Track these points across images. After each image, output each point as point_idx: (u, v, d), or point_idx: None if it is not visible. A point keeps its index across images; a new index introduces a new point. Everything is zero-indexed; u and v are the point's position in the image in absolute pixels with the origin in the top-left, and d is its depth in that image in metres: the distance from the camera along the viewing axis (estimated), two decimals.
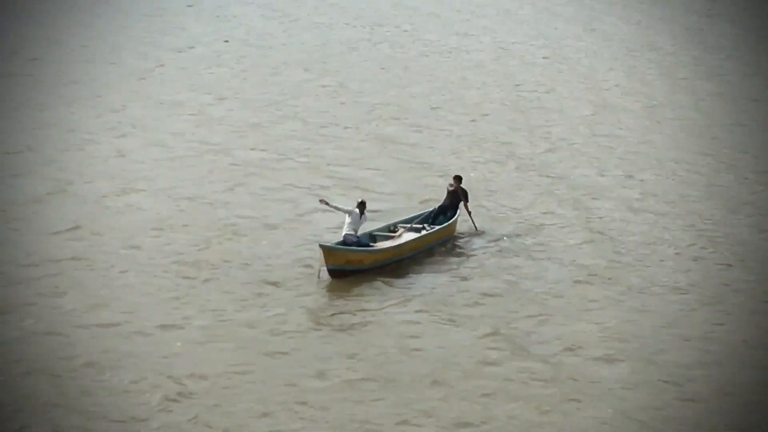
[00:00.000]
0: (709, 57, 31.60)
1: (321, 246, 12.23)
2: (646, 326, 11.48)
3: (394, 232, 14.05)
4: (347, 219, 12.83)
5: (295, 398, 8.97)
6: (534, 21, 37.94)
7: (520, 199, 17.17)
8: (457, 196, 14.60)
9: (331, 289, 12.42)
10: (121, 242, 13.98)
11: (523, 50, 32.32)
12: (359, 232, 12.97)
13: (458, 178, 14.74)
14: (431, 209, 14.93)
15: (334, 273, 12.29)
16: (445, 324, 11.32)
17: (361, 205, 12.93)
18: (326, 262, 12.16)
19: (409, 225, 14.24)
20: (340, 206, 13.17)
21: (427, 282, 13.03)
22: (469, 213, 14.70)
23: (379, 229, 14.19)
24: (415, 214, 14.97)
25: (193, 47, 31.17)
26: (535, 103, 25.32)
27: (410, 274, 13.19)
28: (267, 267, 13.05)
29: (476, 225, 14.80)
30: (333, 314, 11.62)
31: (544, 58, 31.18)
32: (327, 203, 13.25)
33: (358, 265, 12.68)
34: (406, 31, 35.00)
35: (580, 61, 30.80)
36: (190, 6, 37.79)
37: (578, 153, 20.71)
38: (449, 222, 14.35)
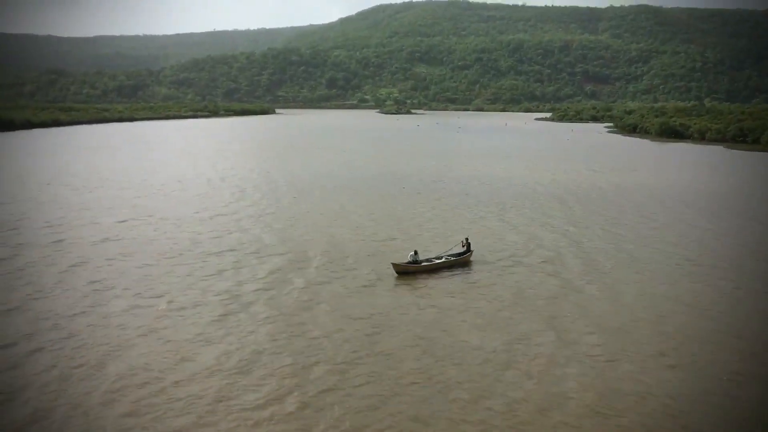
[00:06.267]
0: None
1: (392, 263, 25.67)
2: None
3: (440, 258, 26.94)
4: (411, 255, 25.89)
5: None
6: None
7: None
8: (467, 246, 27.87)
9: (398, 280, 24.68)
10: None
11: None
12: (418, 258, 26.12)
13: (467, 239, 28.15)
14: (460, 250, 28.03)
15: (399, 273, 25.16)
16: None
17: (415, 252, 26.03)
18: (395, 270, 25.25)
19: (447, 254, 27.41)
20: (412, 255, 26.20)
21: (455, 280, 24.90)
22: (470, 251, 27.77)
23: (433, 257, 27.15)
24: (456, 251, 28.09)
25: None
26: None
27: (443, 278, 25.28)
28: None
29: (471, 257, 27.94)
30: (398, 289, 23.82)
31: None
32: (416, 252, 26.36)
33: (409, 269, 25.47)
34: None
35: None
36: None
37: None
38: (466, 254, 27.49)
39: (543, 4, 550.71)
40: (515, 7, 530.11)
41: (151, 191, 44.79)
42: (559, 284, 24.12)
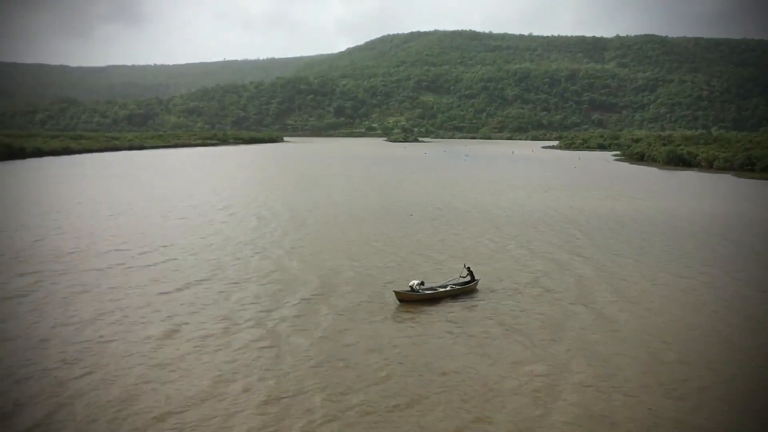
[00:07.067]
0: None
1: (394, 291, 24.86)
2: None
3: (445, 287, 25.91)
4: (414, 283, 25.01)
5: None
6: None
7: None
8: (471, 274, 26.83)
9: (398, 308, 23.84)
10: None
11: None
12: (423, 286, 25.25)
13: (469, 268, 26.96)
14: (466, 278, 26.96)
15: (400, 301, 24.35)
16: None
17: (421, 283, 25.02)
18: (396, 297, 24.45)
19: (452, 282, 26.41)
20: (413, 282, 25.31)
21: (452, 310, 23.92)
22: (475, 279, 26.83)
23: (438, 285, 26.12)
24: (462, 279, 26.98)
25: None
26: None
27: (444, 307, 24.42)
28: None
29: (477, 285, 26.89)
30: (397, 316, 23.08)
31: None
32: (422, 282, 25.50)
33: (411, 298, 24.51)
34: None
35: None
36: None
37: None
38: (471, 283, 26.53)
39: (549, 34, 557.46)
40: (521, 36, 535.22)
41: (166, 219, 44.72)
42: (587, 314, 23.63)
